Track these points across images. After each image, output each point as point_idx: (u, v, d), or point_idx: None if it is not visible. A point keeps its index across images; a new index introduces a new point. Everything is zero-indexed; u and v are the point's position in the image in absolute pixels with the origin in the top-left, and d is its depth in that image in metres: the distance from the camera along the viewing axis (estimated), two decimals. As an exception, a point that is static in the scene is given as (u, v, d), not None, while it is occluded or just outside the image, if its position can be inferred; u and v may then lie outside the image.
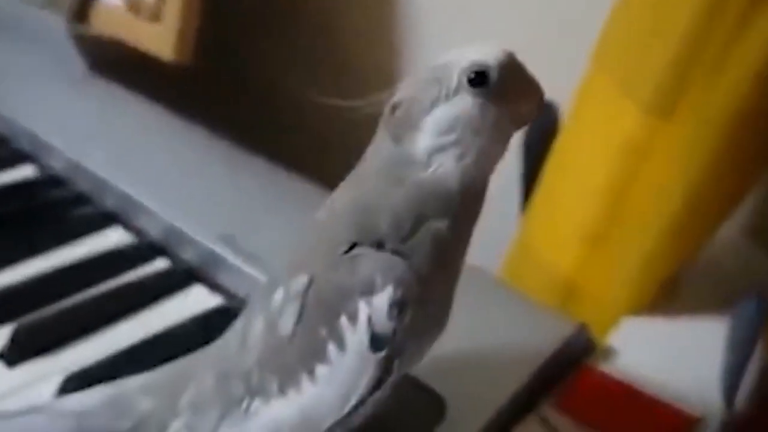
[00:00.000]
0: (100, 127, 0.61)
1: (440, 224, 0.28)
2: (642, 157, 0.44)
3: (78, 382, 0.40)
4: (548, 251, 0.51)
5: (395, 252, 0.28)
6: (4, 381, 0.40)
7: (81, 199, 0.56)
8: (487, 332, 0.42)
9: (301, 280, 0.29)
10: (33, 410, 0.35)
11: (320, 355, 0.29)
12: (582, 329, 0.43)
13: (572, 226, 0.50)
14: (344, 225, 0.29)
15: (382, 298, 0.28)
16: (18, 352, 0.42)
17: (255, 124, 0.75)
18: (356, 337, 0.28)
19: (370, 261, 0.28)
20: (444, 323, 0.31)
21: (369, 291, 0.28)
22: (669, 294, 0.47)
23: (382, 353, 0.28)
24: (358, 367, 0.28)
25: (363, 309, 0.28)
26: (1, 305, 0.45)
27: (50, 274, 0.48)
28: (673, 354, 0.44)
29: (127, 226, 0.53)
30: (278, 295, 0.30)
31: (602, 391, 0.40)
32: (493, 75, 0.28)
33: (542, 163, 0.53)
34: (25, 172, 0.59)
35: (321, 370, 0.29)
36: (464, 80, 0.28)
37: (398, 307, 0.28)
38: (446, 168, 0.28)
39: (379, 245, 0.28)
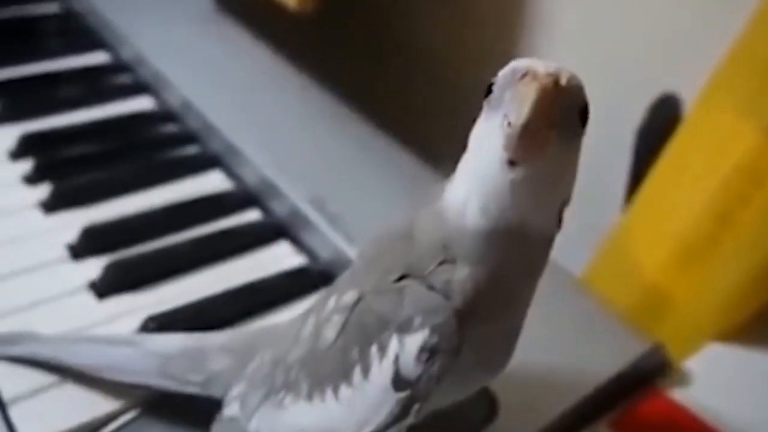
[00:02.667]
0: (218, 68, 0.62)
1: (484, 270, 0.27)
2: (757, 182, 0.41)
3: (158, 323, 0.42)
4: (642, 256, 0.49)
5: (444, 294, 0.27)
6: (91, 311, 0.43)
7: (190, 138, 0.58)
8: (557, 338, 0.41)
9: (351, 296, 0.29)
10: (125, 342, 0.38)
11: (347, 375, 0.29)
12: (657, 349, 0.41)
13: (672, 236, 0.47)
14: (400, 255, 0.29)
15: (415, 340, 0.27)
16: (108, 285, 0.44)
17: (372, 78, 0.75)
18: (381, 370, 0.28)
19: (416, 298, 0.28)
20: (496, 369, 0.30)
21: (405, 329, 0.28)
22: (761, 325, 0.45)
23: (404, 393, 0.28)
24: (378, 399, 0.28)
25: (394, 345, 0.28)
26: (98, 237, 0.47)
27: (149, 211, 0.50)
28: (754, 390, 0.42)
29: (228, 171, 0.55)
30: (331, 302, 0.30)
31: (666, 418, 0.39)
32: (494, 85, 0.26)
33: (654, 159, 0.51)
34: (143, 104, 0.61)
35: (345, 390, 0.29)
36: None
37: (429, 353, 0.27)
38: (467, 207, 0.27)
39: (429, 284, 0.28)
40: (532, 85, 0.24)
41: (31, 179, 0.52)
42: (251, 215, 0.51)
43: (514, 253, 0.27)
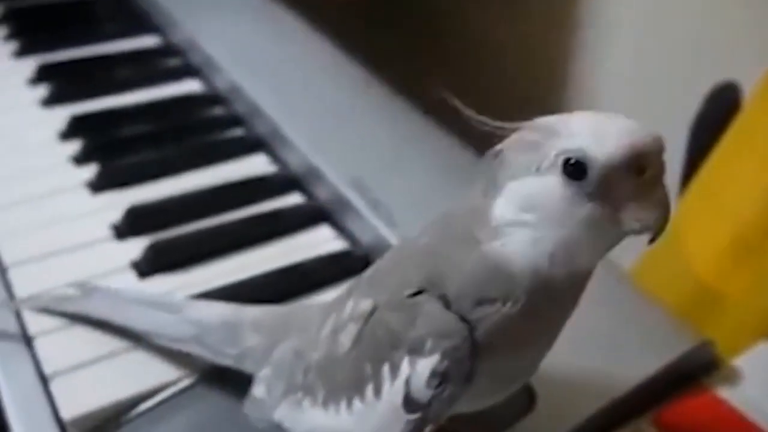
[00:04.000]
0: (266, 52, 0.62)
1: (507, 309, 0.26)
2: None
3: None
4: (695, 247, 0.48)
5: (462, 317, 0.26)
6: (133, 291, 0.43)
7: (236, 121, 0.58)
8: (601, 332, 0.40)
9: (366, 305, 0.29)
10: (169, 307, 0.39)
11: (360, 390, 0.28)
12: (705, 345, 0.40)
13: (727, 227, 0.45)
14: (417, 268, 0.28)
15: (426, 364, 0.26)
16: (150, 265, 0.45)
17: (420, 63, 0.74)
18: (392, 390, 0.27)
19: (429, 318, 0.27)
20: (513, 389, 0.30)
21: (417, 350, 0.27)
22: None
23: (415, 416, 0.27)
24: (389, 419, 0.27)
25: (405, 367, 0.27)
26: (142, 217, 0.48)
27: (193, 193, 0.51)
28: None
29: (272, 155, 0.55)
30: (348, 306, 0.30)
31: (712, 416, 0.37)
32: (593, 172, 0.24)
33: (710, 149, 0.49)
34: (191, 86, 0.62)
35: (357, 404, 0.28)
36: (559, 163, 0.24)
37: (440, 378, 0.26)
38: (515, 248, 0.26)
39: (446, 302, 0.27)
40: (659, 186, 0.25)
41: (80, 159, 0.53)
42: (293, 199, 0.51)
43: (557, 297, 0.27)
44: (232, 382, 0.37)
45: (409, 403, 0.27)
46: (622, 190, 0.24)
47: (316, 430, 0.31)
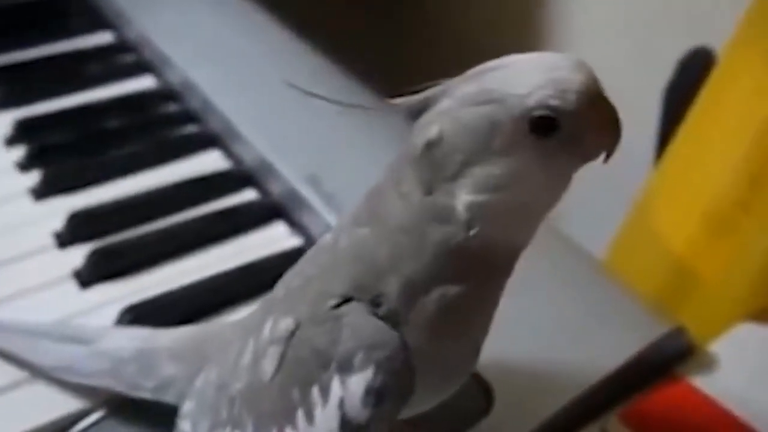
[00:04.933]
0: (221, 46, 0.59)
1: (456, 290, 0.24)
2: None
3: (138, 313, 0.40)
4: (667, 224, 0.45)
5: (393, 318, 0.24)
6: (74, 301, 0.41)
7: (190, 117, 0.55)
8: (565, 321, 0.37)
9: (286, 325, 0.26)
10: (79, 340, 0.35)
11: (290, 419, 0.25)
12: (678, 332, 0.37)
13: (698, 202, 0.43)
14: (341, 274, 0.25)
15: (359, 382, 0.24)
16: (92, 274, 0.42)
17: (383, 54, 0.71)
18: (326, 415, 0.24)
19: (356, 330, 0.24)
20: (457, 383, 0.27)
21: (347, 367, 0.24)
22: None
23: None
24: None
25: (336, 388, 0.24)
26: (85, 223, 0.45)
27: (143, 193, 0.48)
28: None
29: (226, 151, 0.52)
30: (267, 327, 0.27)
31: (685, 406, 0.35)
32: (566, 121, 0.22)
33: (683, 117, 0.46)
34: (145, 83, 0.59)
35: None
36: (525, 127, 0.22)
37: (376, 396, 0.24)
38: (490, 231, 0.23)
39: (376, 304, 0.24)
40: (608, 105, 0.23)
41: (24, 165, 0.50)
42: (247, 195, 0.49)
43: (500, 271, 0.25)
44: (143, 413, 0.34)
45: (346, 426, 0.24)
46: (585, 125, 0.23)
47: None
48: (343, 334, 0.24)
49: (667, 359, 0.37)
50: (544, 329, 0.37)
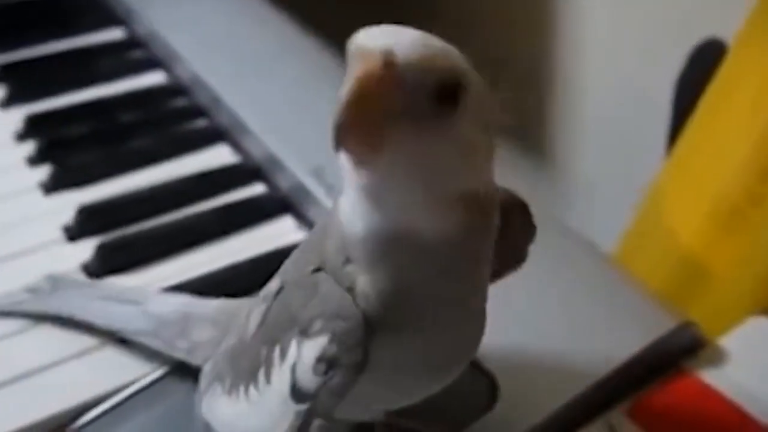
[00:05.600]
0: (230, 41, 0.59)
1: (376, 277, 0.23)
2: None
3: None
4: (676, 218, 0.45)
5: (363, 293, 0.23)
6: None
7: (199, 111, 0.56)
8: (572, 314, 0.37)
9: (274, 284, 0.26)
10: (131, 300, 0.37)
11: (255, 376, 0.26)
12: (687, 326, 0.37)
13: (707, 195, 0.42)
14: (318, 240, 0.25)
15: (313, 348, 0.24)
16: (100, 267, 0.43)
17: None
18: (280, 377, 0.25)
19: (324, 298, 0.24)
20: (444, 377, 0.27)
21: (305, 332, 0.24)
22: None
23: (303, 406, 0.24)
24: (278, 408, 0.25)
25: (293, 350, 0.24)
26: (94, 217, 0.46)
27: (151, 187, 0.49)
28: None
29: (235, 145, 0.52)
30: (264, 289, 0.27)
31: (693, 402, 0.34)
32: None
33: (694, 109, 0.46)
34: (155, 78, 0.60)
35: (252, 391, 0.26)
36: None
37: (327, 364, 0.23)
38: (353, 211, 0.23)
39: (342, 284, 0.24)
40: (357, 68, 0.20)
41: (34, 160, 0.51)
42: (256, 189, 0.49)
43: (413, 258, 0.23)
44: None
45: (296, 391, 0.24)
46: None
47: (222, 422, 0.28)
48: (314, 299, 0.24)
49: (676, 353, 0.36)
50: (551, 322, 0.37)
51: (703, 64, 0.49)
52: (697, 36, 0.50)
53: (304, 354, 0.24)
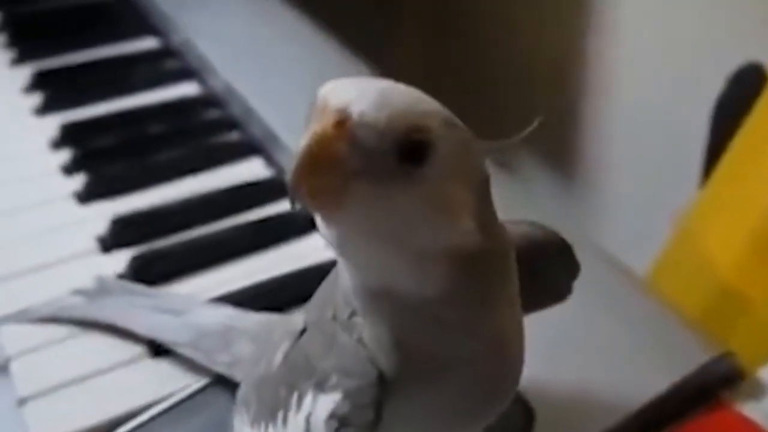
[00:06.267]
0: (264, 52, 0.60)
1: (377, 330, 0.23)
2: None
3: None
4: (716, 244, 0.44)
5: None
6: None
7: (232, 124, 0.56)
8: (608, 342, 0.37)
9: (298, 322, 0.26)
10: (173, 310, 0.38)
11: (274, 416, 0.26)
12: (725, 357, 0.36)
13: (750, 220, 0.42)
14: (336, 287, 0.25)
15: (327, 403, 0.23)
16: (133, 279, 0.42)
17: (426, 61, 0.71)
18: (295, 425, 0.24)
19: (341, 351, 0.23)
20: (482, 418, 0.26)
21: (321, 385, 0.24)
22: None
23: None
24: None
25: (308, 401, 0.24)
26: (128, 228, 0.46)
27: (184, 200, 0.49)
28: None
29: (268, 158, 0.52)
30: (292, 322, 0.27)
31: (732, 437, 0.34)
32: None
33: (734, 134, 0.45)
34: (189, 89, 0.60)
35: (272, 430, 0.26)
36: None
37: (338, 422, 0.23)
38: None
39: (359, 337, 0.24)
40: (312, 126, 0.20)
41: (69, 169, 0.51)
42: (288, 204, 0.49)
43: (403, 313, 0.22)
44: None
45: None
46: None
47: None
48: (333, 349, 0.24)
49: (714, 385, 0.36)
50: (587, 350, 0.36)
51: (743, 88, 0.48)
52: (737, 60, 0.50)
53: (319, 407, 0.24)
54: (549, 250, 0.26)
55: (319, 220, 0.21)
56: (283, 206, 0.48)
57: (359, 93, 0.20)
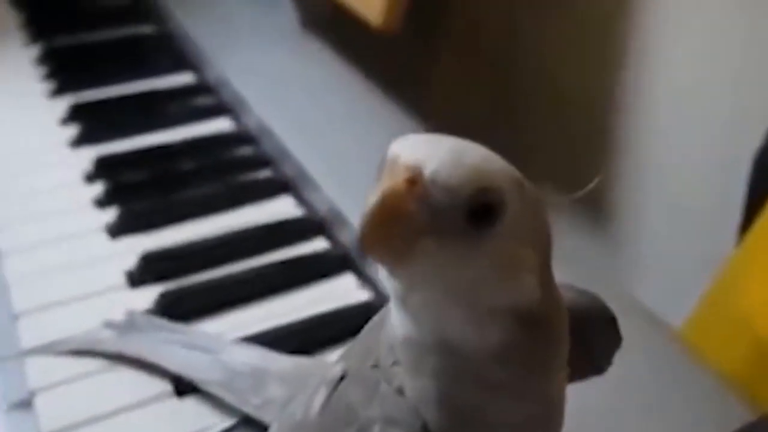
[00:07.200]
0: (298, 90, 0.60)
1: (422, 383, 0.23)
2: None
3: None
4: (752, 302, 0.43)
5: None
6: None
7: (264, 161, 0.56)
8: (641, 401, 0.36)
9: (337, 371, 0.26)
10: (205, 348, 0.38)
11: None
12: (765, 419, 0.35)
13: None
14: (380, 335, 0.25)
15: None
16: (161, 316, 0.42)
17: (461, 100, 0.71)
18: None
19: (383, 400, 0.23)
20: None
21: None
22: None
23: None
24: None
25: None
26: (157, 264, 0.46)
27: (214, 237, 0.49)
28: None
29: (299, 197, 0.52)
30: (327, 367, 0.27)
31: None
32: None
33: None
34: (221, 125, 0.60)
35: None
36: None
37: None
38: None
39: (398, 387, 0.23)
40: (384, 182, 0.20)
41: (101, 202, 0.51)
42: (318, 244, 0.48)
43: (454, 370, 0.22)
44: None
45: None
46: None
47: None
48: (375, 399, 0.24)
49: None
50: (617, 410, 0.35)
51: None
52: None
53: None
54: (594, 319, 0.26)
55: (384, 271, 0.22)
56: (313, 246, 0.48)
57: (431, 151, 0.21)
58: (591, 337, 0.26)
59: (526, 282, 0.22)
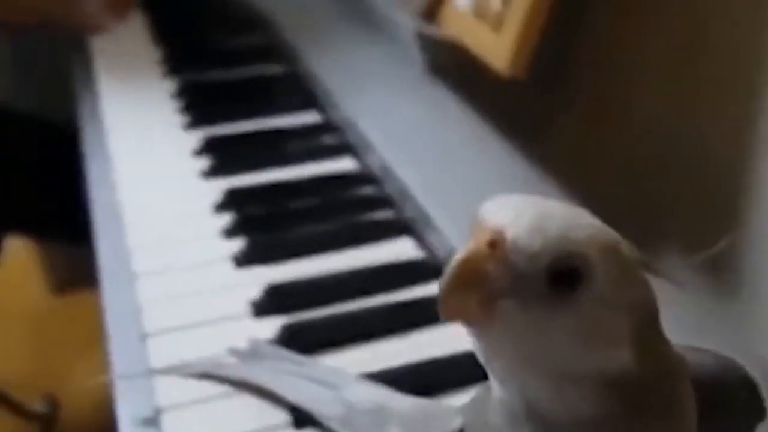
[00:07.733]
0: (422, 133, 0.61)
1: None
2: None
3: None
4: None
5: None
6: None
7: (386, 202, 0.57)
8: None
9: (454, 417, 0.26)
10: (327, 383, 0.38)
11: None
12: None
13: None
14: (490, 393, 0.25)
15: None
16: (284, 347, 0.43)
17: (588, 150, 0.70)
18: None
19: None
20: None
21: None
22: None
23: None
24: None
25: None
26: (281, 296, 0.47)
27: (336, 274, 0.50)
28: None
29: (419, 239, 0.53)
30: (446, 414, 0.27)
31: None
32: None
33: None
34: (344, 164, 0.62)
35: None
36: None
37: None
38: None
39: None
40: (470, 241, 0.21)
41: (229, 233, 0.53)
42: (435, 288, 0.48)
43: None
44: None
45: None
46: None
47: None
48: None
49: None
50: None
51: None
52: None
53: None
54: (729, 386, 0.25)
55: (467, 332, 0.22)
56: (433, 289, 0.48)
57: (516, 215, 0.21)
58: (729, 408, 0.25)
59: (616, 350, 0.21)
